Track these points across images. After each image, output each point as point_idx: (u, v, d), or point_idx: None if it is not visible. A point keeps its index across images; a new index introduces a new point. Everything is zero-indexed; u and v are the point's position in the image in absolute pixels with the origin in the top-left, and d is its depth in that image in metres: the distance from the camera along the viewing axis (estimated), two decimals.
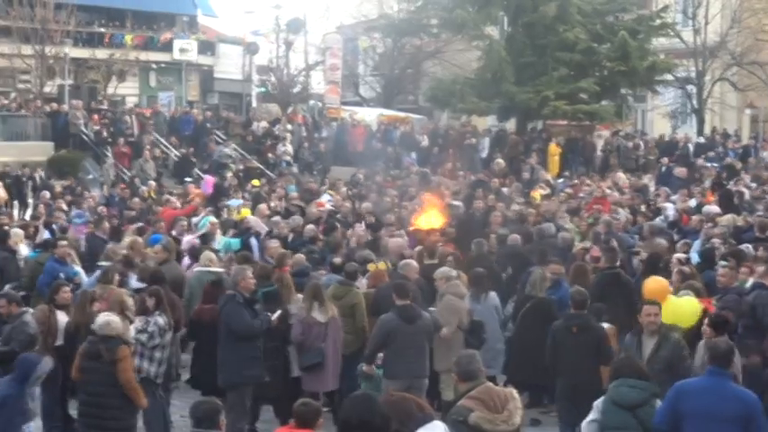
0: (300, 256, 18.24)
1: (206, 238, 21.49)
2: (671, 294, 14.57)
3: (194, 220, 25.43)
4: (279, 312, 14.93)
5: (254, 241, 22.11)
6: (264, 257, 19.33)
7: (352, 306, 15.72)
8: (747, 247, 19.46)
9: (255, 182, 35.19)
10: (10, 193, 33.29)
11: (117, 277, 16.44)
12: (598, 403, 10.92)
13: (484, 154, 43.43)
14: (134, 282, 17.37)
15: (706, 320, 12.88)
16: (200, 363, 16.05)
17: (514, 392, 10.00)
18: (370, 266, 17.71)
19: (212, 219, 23.34)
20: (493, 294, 16.52)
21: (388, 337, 14.09)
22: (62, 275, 17.23)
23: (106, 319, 12.90)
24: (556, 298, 16.11)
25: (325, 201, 28.76)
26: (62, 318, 14.74)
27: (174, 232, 22.98)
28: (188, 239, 21.48)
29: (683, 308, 14.19)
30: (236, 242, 22.06)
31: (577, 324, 13.80)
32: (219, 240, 22.00)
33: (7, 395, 11.78)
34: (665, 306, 13.79)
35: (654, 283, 14.76)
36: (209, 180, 33.24)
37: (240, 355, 14.37)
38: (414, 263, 16.93)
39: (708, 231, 21.53)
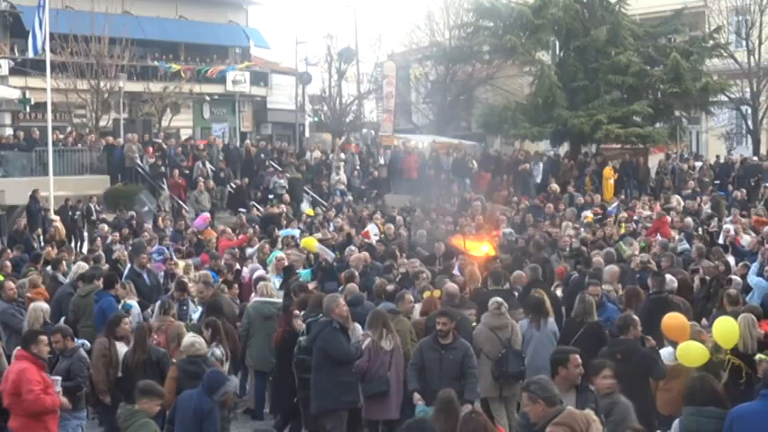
0: (353, 286, 18.24)
1: (289, 271, 21.49)
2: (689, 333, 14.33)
3: (249, 251, 25.53)
4: (369, 340, 14.94)
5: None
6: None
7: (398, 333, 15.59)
8: None
9: (310, 211, 35.28)
10: (67, 227, 33.56)
11: (174, 309, 16.59)
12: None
13: (538, 179, 43.34)
14: (192, 312, 17.54)
15: None
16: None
17: (593, 415, 9.87)
18: (426, 293, 17.71)
19: (279, 254, 23.24)
20: (551, 320, 16.44)
21: None
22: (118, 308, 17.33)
23: (199, 340, 13.57)
24: (602, 319, 16.08)
25: (372, 232, 28.61)
26: (121, 349, 14.83)
27: (222, 262, 23.05)
28: (259, 274, 21.30)
29: (691, 352, 13.90)
30: (306, 273, 22.07)
31: (621, 350, 13.48)
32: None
33: (202, 407, 12.02)
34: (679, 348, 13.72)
35: (673, 320, 14.56)
36: (205, 216, 32.86)
37: (337, 381, 14.47)
38: (455, 287, 16.99)
39: (766, 252, 21.34)
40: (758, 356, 12.68)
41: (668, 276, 18.30)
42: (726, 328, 13.91)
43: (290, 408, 15.82)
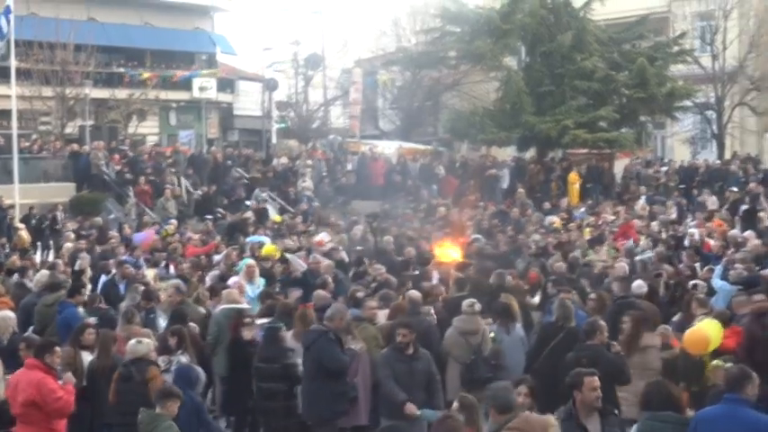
0: (322, 293, 18.20)
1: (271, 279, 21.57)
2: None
3: (216, 258, 25.38)
4: (361, 345, 14.98)
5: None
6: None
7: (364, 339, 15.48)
8: None
9: (277, 218, 35.11)
10: (32, 235, 33.29)
11: (137, 317, 16.50)
12: None
13: (505, 185, 43.39)
14: (161, 320, 17.44)
15: None
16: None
17: (552, 419, 9.86)
18: (401, 299, 17.68)
19: (249, 261, 23.12)
20: (518, 326, 16.47)
21: None
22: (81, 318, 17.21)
23: (133, 343, 13.64)
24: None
25: (325, 239, 28.34)
26: (86, 358, 14.75)
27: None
28: (234, 281, 21.13)
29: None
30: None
31: (587, 356, 13.50)
32: (258, 282, 21.81)
33: (194, 402, 12.67)
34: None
35: (695, 335, 14.58)
36: (149, 233, 31.93)
37: (332, 391, 14.36)
38: (418, 294, 17.02)
39: (730, 257, 21.47)
40: (715, 362, 12.80)
41: (638, 282, 18.41)
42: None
43: (243, 411, 15.79)
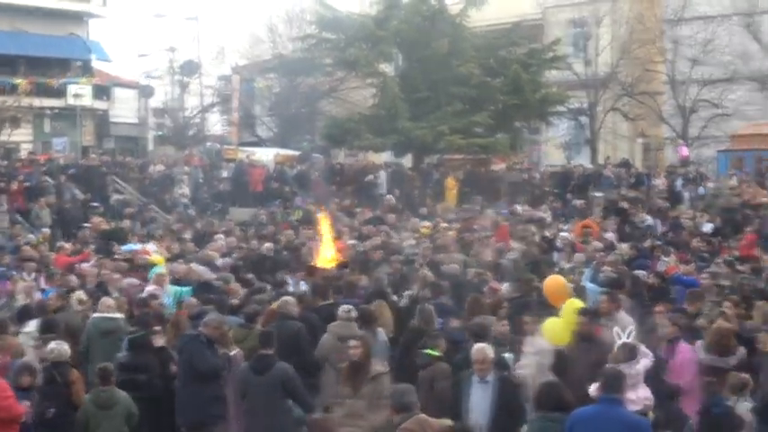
0: (193, 300, 18.14)
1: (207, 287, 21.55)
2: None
3: (84, 266, 24.91)
4: (237, 351, 14.98)
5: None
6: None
7: (251, 349, 15.16)
8: (643, 275, 20.02)
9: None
10: None
11: (10, 327, 16.27)
12: None
13: (383, 190, 43.46)
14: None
15: None
16: None
17: (449, 424, 9.94)
18: (274, 306, 17.64)
19: (160, 269, 22.79)
20: (380, 330, 16.52)
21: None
22: None
23: (54, 346, 14.08)
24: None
25: (151, 249, 27.96)
26: None
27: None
28: (149, 289, 20.83)
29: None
30: (187, 290, 21.64)
31: None
32: (169, 290, 21.53)
33: None
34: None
35: (554, 282, 14.99)
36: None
37: (204, 395, 14.23)
38: (293, 300, 17.02)
39: (600, 259, 21.90)
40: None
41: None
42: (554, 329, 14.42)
43: None
